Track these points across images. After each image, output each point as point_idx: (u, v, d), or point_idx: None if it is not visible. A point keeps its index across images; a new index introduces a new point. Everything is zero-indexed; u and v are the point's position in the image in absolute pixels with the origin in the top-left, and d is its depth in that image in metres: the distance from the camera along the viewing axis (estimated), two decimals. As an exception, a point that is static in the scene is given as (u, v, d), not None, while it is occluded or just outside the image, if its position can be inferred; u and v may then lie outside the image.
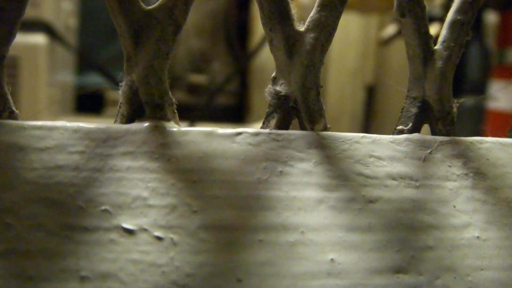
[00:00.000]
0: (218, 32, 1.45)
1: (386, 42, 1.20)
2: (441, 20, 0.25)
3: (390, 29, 1.17)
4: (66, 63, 1.19)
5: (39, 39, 0.91)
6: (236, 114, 1.46)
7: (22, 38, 0.90)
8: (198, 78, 1.42)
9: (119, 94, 0.22)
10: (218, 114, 1.37)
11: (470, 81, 1.00)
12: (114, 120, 0.23)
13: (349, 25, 1.25)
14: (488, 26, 1.04)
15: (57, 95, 1.11)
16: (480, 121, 0.99)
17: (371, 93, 1.34)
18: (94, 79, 1.28)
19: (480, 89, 1.01)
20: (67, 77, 1.22)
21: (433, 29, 0.24)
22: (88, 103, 1.30)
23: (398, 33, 1.15)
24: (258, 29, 1.37)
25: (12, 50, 0.22)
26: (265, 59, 1.26)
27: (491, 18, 1.04)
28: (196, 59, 1.42)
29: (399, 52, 1.28)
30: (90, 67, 1.20)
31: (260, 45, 1.12)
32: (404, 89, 0.25)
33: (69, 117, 1.24)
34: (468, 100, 1.02)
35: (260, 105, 1.43)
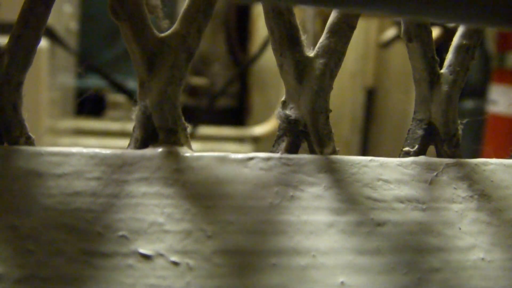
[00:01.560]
0: (218, 34, 1.45)
1: (386, 45, 1.20)
2: (442, 24, 0.25)
3: (390, 32, 1.18)
4: (67, 66, 1.19)
5: (40, 42, 0.91)
6: (237, 116, 1.46)
7: (23, 42, 0.90)
8: (198, 81, 1.43)
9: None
10: (218, 116, 1.38)
11: (471, 85, 1.01)
12: (128, 144, 0.23)
13: (349, 27, 1.25)
14: (488, 30, 1.05)
15: (58, 98, 1.12)
16: (480, 125, 1.00)
17: (371, 96, 1.35)
18: (95, 82, 1.28)
19: (480, 93, 1.01)
20: (68, 79, 1.22)
21: (433, 33, 0.25)
22: (88, 105, 1.31)
23: (398, 36, 1.15)
24: (259, 32, 1.38)
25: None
26: (265, 62, 1.27)
27: (491, 22, 1.04)
28: (196, 61, 1.43)
29: (398, 55, 1.28)
30: (91, 70, 1.20)
31: (261, 49, 1.12)
32: (404, 92, 0.26)
33: (70, 120, 1.24)
34: (468, 103, 1.03)
35: (260, 107, 1.44)
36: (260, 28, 1.36)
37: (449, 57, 0.25)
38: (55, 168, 0.21)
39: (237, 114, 1.48)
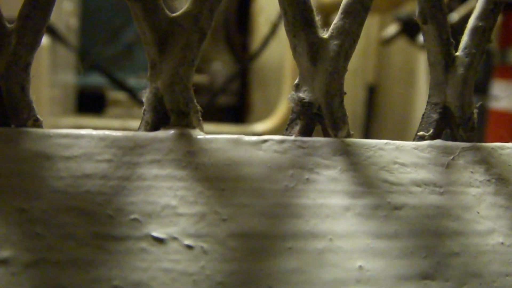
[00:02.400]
0: (218, 32, 1.45)
1: (387, 42, 1.20)
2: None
3: (391, 29, 1.17)
4: (68, 63, 1.19)
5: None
6: (237, 114, 1.46)
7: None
8: (198, 78, 1.42)
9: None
10: (219, 114, 1.37)
11: (472, 81, 1.00)
12: (138, 127, 0.23)
13: (350, 24, 1.24)
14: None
15: (59, 95, 1.11)
16: (483, 121, 0.99)
17: (372, 92, 1.34)
18: (96, 79, 1.27)
19: (482, 89, 1.01)
20: (69, 77, 1.21)
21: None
22: (89, 103, 1.30)
23: (399, 33, 1.15)
24: (259, 29, 1.37)
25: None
26: (266, 59, 1.26)
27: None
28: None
29: (400, 52, 1.28)
30: (91, 67, 1.20)
31: (262, 46, 1.12)
32: (405, 88, 0.25)
33: (71, 117, 1.24)
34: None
35: (260, 104, 1.43)
36: (261, 25, 1.36)
37: (465, 39, 0.24)
38: (64, 150, 0.20)
39: (238, 112, 1.47)
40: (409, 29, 1.08)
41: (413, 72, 1.22)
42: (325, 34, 0.23)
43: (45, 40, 0.93)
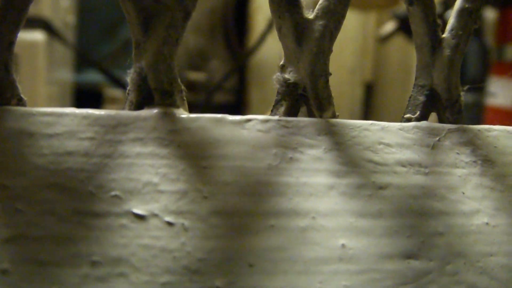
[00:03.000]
0: (216, 29, 1.45)
1: (384, 39, 1.20)
2: (440, 17, 0.25)
3: (389, 26, 1.17)
4: (65, 60, 1.19)
5: (37, 36, 0.90)
6: (235, 112, 1.46)
7: (20, 35, 0.90)
8: (196, 76, 1.42)
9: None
10: (216, 111, 1.37)
11: (469, 78, 1.00)
12: (123, 107, 0.23)
13: (347, 22, 1.24)
14: (487, 23, 1.04)
15: (56, 92, 1.11)
16: (479, 117, 0.99)
17: (370, 91, 1.34)
18: (93, 77, 1.27)
19: (479, 86, 1.01)
20: (66, 74, 1.21)
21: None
22: (86, 100, 1.30)
23: (397, 31, 1.15)
24: (257, 27, 1.37)
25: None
26: (264, 56, 1.26)
27: (490, 15, 1.04)
28: (194, 56, 1.42)
29: (397, 50, 1.28)
30: (89, 64, 1.20)
31: (259, 42, 1.12)
32: (402, 86, 0.25)
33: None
34: (466, 96, 1.02)
35: (258, 102, 1.43)
36: (259, 23, 1.36)
37: (451, 21, 0.24)
38: (47, 128, 0.20)
39: (235, 110, 1.47)
40: (406, 26, 1.08)
41: (410, 69, 1.22)
42: (310, 15, 0.23)
43: (41, 37, 0.93)
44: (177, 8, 0.21)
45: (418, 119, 0.24)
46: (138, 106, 0.22)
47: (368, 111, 1.35)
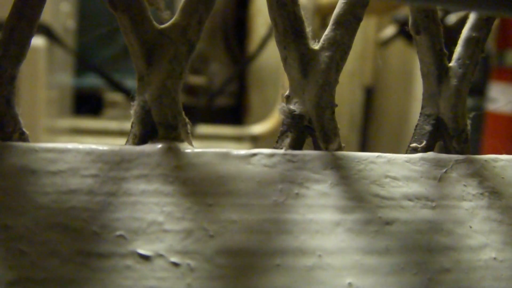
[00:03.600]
0: (216, 33, 1.44)
1: (384, 44, 1.20)
2: (441, 21, 0.24)
3: (389, 31, 1.17)
4: (65, 65, 1.18)
5: (37, 41, 0.90)
6: (235, 115, 1.45)
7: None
8: (196, 80, 1.42)
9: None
10: (217, 115, 1.37)
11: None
12: (126, 140, 0.22)
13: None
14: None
15: (56, 97, 1.11)
16: (480, 123, 0.99)
17: (370, 94, 1.34)
18: (93, 81, 1.27)
19: (479, 91, 1.01)
20: (66, 78, 1.21)
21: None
22: (86, 104, 1.29)
23: (397, 35, 1.15)
24: (257, 30, 1.37)
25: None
26: (264, 60, 1.26)
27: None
28: (195, 60, 1.42)
29: (397, 54, 1.28)
30: (89, 69, 1.19)
31: (260, 47, 1.11)
32: (402, 90, 0.25)
33: (67, 119, 1.23)
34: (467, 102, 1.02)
35: (258, 106, 1.43)
36: (259, 27, 1.35)
37: (458, 50, 0.24)
38: (50, 165, 0.20)
39: (236, 113, 1.47)
40: (406, 30, 1.08)
41: (410, 73, 1.22)
42: (316, 45, 0.22)
43: (42, 41, 0.92)
44: (181, 41, 0.21)
45: (425, 149, 0.24)
46: (142, 139, 0.22)
47: (368, 114, 1.35)
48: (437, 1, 0.16)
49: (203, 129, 1.25)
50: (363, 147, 1.35)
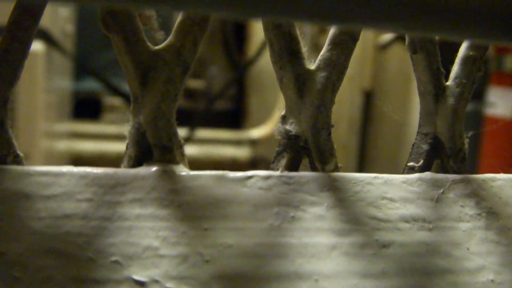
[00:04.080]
0: (215, 37, 1.44)
1: (383, 47, 1.20)
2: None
3: (388, 35, 1.17)
4: (63, 69, 1.18)
5: (36, 45, 0.90)
6: (234, 119, 1.45)
7: (17, 45, 0.89)
8: (195, 83, 1.41)
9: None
10: (216, 119, 1.37)
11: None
12: (121, 162, 0.22)
13: (347, 29, 1.24)
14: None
15: (55, 101, 1.10)
16: (478, 127, 0.99)
17: (369, 98, 1.34)
18: (92, 85, 1.27)
19: (478, 96, 1.01)
20: (65, 83, 1.21)
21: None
22: (85, 108, 1.29)
23: (396, 39, 1.15)
24: (256, 34, 1.37)
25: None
26: (263, 64, 1.26)
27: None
28: (194, 64, 1.41)
29: (396, 58, 1.27)
30: (87, 73, 1.19)
31: (259, 52, 1.11)
32: (401, 94, 0.25)
33: (66, 123, 1.23)
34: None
35: (257, 110, 1.43)
36: (258, 31, 1.35)
37: (455, 69, 0.24)
38: (44, 189, 0.20)
39: (235, 117, 1.47)
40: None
41: (409, 77, 1.22)
42: (312, 66, 0.22)
43: (40, 46, 0.92)
44: (176, 62, 0.21)
45: (422, 168, 0.24)
46: (137, 161, 0.22)
47: (367, 118, 1.35)
48: (434, 31, 0.16)
49: (202, 133, 1.25)
50: (362, 151, 1.35)
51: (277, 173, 0.21)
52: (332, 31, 0.22)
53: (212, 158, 1.30)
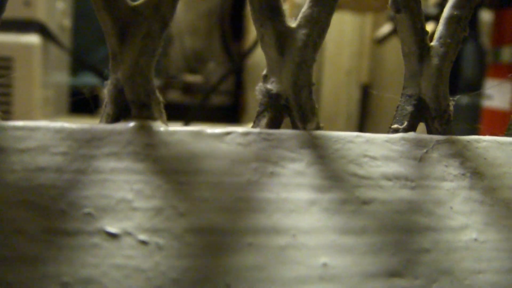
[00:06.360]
0: (213, 31, 1.44)
1: (381, 41, 1.19)
2: (436, 19, 0.24)
3: (385, 28, 1.17)
4: (61, 64, 1.18)
5: (33, 39, 0.89)
6: (231, 114, 1.45)
7: (16, 38, 0.89)
8: (193, 78, 1.41)
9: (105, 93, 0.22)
10: (213, 114, 1.37)
11: (465, 80, 1.00)
12: (99, 120, 0.22)
13: (344, 24, 1.24)
14: (483, 25, 1.04)
15: (52, 96, 1.10)
16: (475, 119, 0.99)
17: (366, 92, 1.33)
18: (89, 80, 1.27)
19: (475, 88, 1.00)
20: (62, 77, 1.20)
21: (428, 28, 0.24)
22: (82, 103, 1.29)
23: (393, 32, 1.14)
24: (253, 29, 1.37)
25: (5, 51, 0.21)
26: (260, 58, 1.26)
27: (486, 16, 1.04)
28: (191, 59, 1.41)
29: (394, 51, 1.27)
30: (84, 67, 1.19)
31: (255, 44, 1.11)
32: (398, 88, 0.25)
33: (63, 118, 1.23)
34: (463, 98, 1.02)
35: (254, 104, 1.42)
36: (255, 25, 1.35)
37: (440, 28, 0.23)
38: (19, 143, 0.19)
39: (232, 112, 1.46)
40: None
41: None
42: (293, 23, 0.22)
43: (37, 40, 0.92)
44: (154, 18, 0.21)
45: (406, 130, 0.23)
46: (115, 118, 0.21)
47: (365, 112, 1.35)
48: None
49: (193, 127, 1.24)
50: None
51: (257, 130, 0.21)
52: (313, -12, 0.22)
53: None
